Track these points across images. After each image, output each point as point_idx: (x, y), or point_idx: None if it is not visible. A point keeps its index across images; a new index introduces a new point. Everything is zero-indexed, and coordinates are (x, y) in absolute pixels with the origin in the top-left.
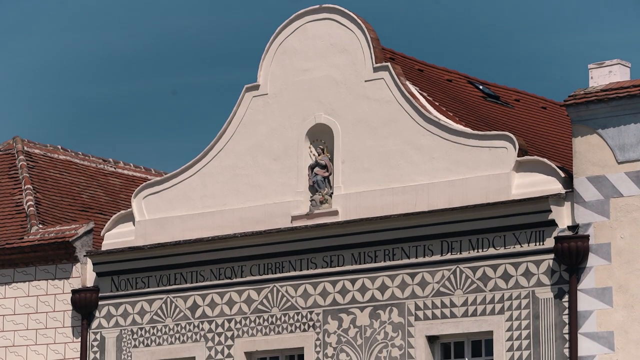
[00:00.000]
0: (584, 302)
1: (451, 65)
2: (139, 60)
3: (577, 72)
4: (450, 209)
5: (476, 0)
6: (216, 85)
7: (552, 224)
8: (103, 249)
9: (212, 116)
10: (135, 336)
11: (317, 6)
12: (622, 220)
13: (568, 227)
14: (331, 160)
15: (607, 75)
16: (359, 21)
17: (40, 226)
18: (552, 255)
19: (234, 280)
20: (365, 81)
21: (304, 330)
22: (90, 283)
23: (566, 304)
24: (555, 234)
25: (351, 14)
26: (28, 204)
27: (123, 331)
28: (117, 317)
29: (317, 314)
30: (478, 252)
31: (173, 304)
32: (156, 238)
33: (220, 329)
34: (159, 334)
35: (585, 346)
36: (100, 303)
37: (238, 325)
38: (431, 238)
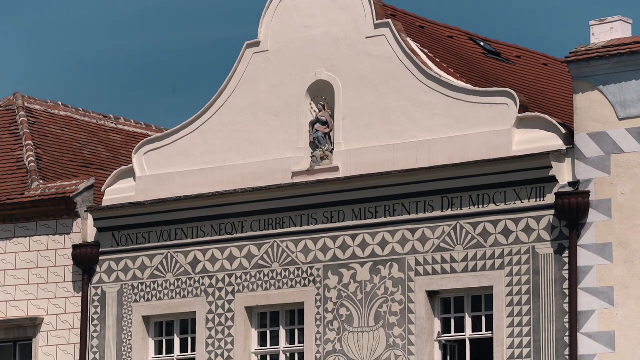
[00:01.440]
0: (584, 258)
1: (452, 22)
2: (139, 17)
3: (579, 29)
4: (451, 165)
5: None
6: (217, 42)
7: (553, 180)
8: (104, 204)
9: (213, 73)
10: (136, 291)
11: None
12: (622, 176)
13: (569, 183)
14: (332, 116)
15: (608, 31)
16: None
17: (41, 182)
18: (552, 211)
19: (235, 235)
20: (366, 38)
21: (305, 286)
22: (91, 238)
23: (566, 260)
24: (555, 190)
25: None
26: (29, 159)
27: (124, 286)
28: (118, 272)
29: (318, 270)
30: (478, 208)
31: (174, 259)
32: (157, 194)
33: (220, 284)
34: (160, 289)
35: (585, 301)
36: (101, 258)
37: (239, 281)
38: (432, 194)
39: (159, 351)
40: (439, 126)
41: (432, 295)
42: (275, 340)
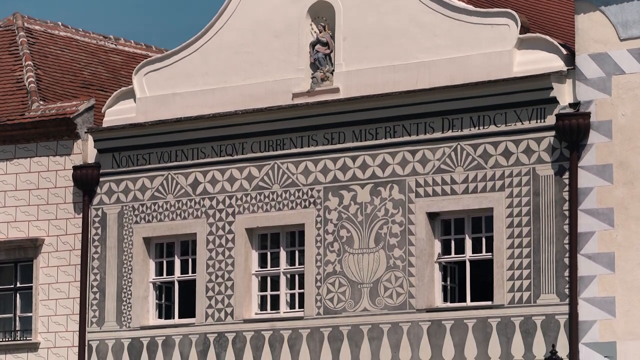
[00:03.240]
0: (584, 179)
1: None
2: None
3: None
4: (452, 86)
5: None
6: None
7: (554, 101)
8: (104, 125)
9: None
10: (136, 212)
11: None
12: (623, 97)
13: (569, 104)
14: (332, 37)
15: None
16: None
17: (41, 103)
18: (553, 133)
19: (235, 157)
20: None
21: (305, 207)
22: (91, 159)
23: (566, 181)
24: (556, 111)
25: None
26: (29, 80)
27: (124, 207)
28: (119, 193)
29: (318, 191)
30: (479, 129)
31: (174, 181)
32: (157, 115)
33: (221, 206)
34: (160, 210)
35: (585, 222)
36: (101, 179)
37: (239, 202)
38: (432, 115)
39: (159, 272)
40: (439, 47)
41: (432, 216)
42: (275, 262)
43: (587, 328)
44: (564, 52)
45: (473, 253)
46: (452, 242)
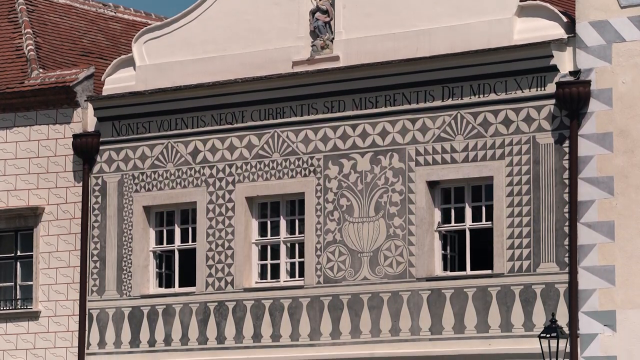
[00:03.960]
0: (584, 147)
1: None
2: None
3: None
4: (452, 54)
5: None
6: None
7: (554, 69)
8: (104, 93)
9: None
10: (136, 181)
11: None
12: (624, 65)
13: (570, 72)
14: (332, 5)
15: None
16: None
17: (41, 71)
18: (553, 101)
19: (235, 125)
20: None
21: (305, 176)
22: (91, 128)
23: (566, 149)
24: (556, 79)
25: None
26: (28, 48)
27: (124, 176)
28: (119, 161)
29: (318, 160)
30: (479, 97)
31: (174, 149)
32: (157, 83)
33: (221, 174)
34: (160, 178)
35: (585, 191)
36: (101, 148)
37: (239, 171)
38: (432, 83)
39: (159, 241)
40: (440, 15)
41: (432, 185)
42: (275, 231)
43: (586, 297)
44: (565, 19)
45: (473, 222)
46: (452, 211)
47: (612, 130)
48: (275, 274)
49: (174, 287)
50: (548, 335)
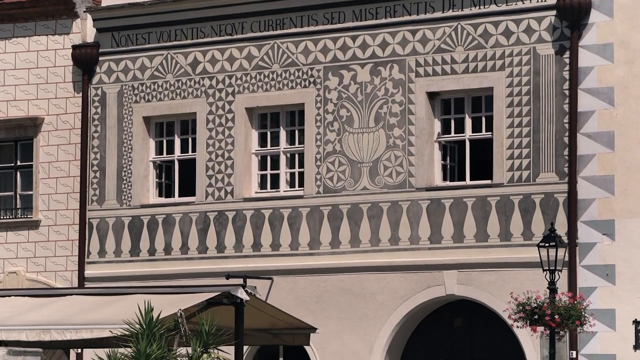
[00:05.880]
0: (584, 58)
1: None
2: None
3: None
4: None
5: None
6: None
7: None
8: (103, 4)
9: None
10: (136, 92)
11: None
12: None
13: None
14: None
15: None
16: None
17: None
18: (553, 12)
19: (235, 36)
20: None
21: (305, 87)
22: (90, 39)
23: (567, 60)
24: None
25: None
26: None
27: (124, 86)
28: (118, 72)
29: (318, 71)
30: (479, 8)
31: (174, 60)
32: None
33: (221, 85)
34: (160, 89)
35: (585, 102)
36: (100, 59)
37: (239, 82)
38: None
39: (159, 151)
40: None
41: (432, 96)
42: (275, 141)
43: (585, 206)
44: None
45: (473, 132)
46: (452, 122)
47: (613, 41)
48: (275, 184)
49: (173, 197)
50: (547, 244)
